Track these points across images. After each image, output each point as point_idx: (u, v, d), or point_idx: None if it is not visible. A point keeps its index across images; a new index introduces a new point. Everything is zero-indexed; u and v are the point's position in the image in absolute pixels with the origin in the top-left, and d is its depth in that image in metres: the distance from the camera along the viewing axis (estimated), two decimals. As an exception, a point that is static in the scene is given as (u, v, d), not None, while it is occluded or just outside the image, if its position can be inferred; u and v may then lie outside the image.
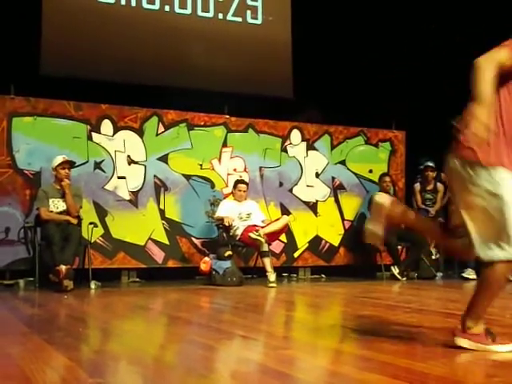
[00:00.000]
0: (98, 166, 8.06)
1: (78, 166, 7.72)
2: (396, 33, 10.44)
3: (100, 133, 8.11)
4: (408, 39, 10.53)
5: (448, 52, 10.54)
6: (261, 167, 8.92)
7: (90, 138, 8.05)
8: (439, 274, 8.88)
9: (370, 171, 9.57)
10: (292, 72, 10.08)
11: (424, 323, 4.21)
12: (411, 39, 10.53)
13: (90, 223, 7.51)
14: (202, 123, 8.66)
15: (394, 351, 3.13)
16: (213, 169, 8.64)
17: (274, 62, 10.02)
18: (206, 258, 7.74)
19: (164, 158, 8.39)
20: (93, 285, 7.09)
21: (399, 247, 8.86)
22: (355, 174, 9.49)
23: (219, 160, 8.70)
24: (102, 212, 8.00)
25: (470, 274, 8.46)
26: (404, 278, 8.40)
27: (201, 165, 8.56)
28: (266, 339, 3.77)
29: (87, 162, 8.00)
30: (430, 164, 9.47)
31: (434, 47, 10.58)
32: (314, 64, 10.05)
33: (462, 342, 3.06)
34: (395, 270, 8.47)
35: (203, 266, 7.65)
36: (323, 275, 8.86)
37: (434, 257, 9.03)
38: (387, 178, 9.15)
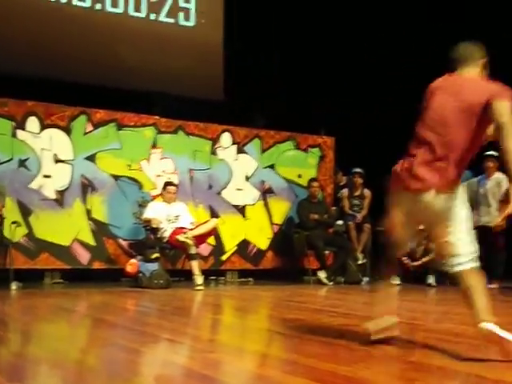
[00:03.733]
0: (22, 163, 7.83)
1: (1, 163, 7.48)
2: (327, 39, 10.57)
3: (25, 130, 7.88)
4: (338, 46, 10.68)
5: (377, 61, 10.75)
6: (190, 169, 8.85)
7: (14, 135, 7.82)
8: (365, 279, 9.02)
9: (299, 176, 9.64)
10: (223, 75, 10.06)
11: (349, 327, 4.26)
12: (342, 46, 10.68)
13: (13, 222, 7.29)
14: (132, 123, 8.54)
15: (320, 355, 3.15)
16: (141, 170, 8.52)
17: (205, 65, 9.97)
18: (133, 260, 7.63)
19: (92, 158, 8.23)
20: (14, 286, 6.88)
21: (326, 252, 8.94)
22: (284, 179, 9.55)
23: (148, 161, 8.59)
24: (25, 211, 7.77)
25: (394, 279, 8.61)
26: (331, 283, 8.49)
27: (129, 165, 8.43)
28: (192, 342, 3.74)
29: (11, 159, 7.76)
30: (358, 170, 9.62)
31: (365, 56, 10.77)
32: (246, 68, 10.07)
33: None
34: (322, 275, 8.55)
35: (129, 268, 7.53)
36: (251, 279, 8.86)
37: (360, 262, 9.17)
38: (316, 183, 9.24)
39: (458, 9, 9.78)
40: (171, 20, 9.85)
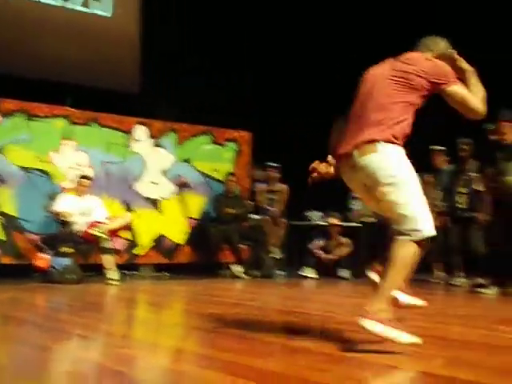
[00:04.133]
0: None
1: None
2: (243, 31, 10.58)
3: None
4: (254, 39, 10.71)
5: (295, 56, 10.85)
6: (104, 162, 8.67)
7: None
8: (280, 273, 9.09)
9: (216, 170, 9.61)
10: (140, 67, 9.91)
11: (265, 321, 4.28)
12: (258, 38, 10.72)
13: None
14: (43, 114, 8.28)
15: (235, 349, 3.15)
16: (52, 162, 8.28)
17: (121, 56, 9.79)
18: (43, 255, 7.41)
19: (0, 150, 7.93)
20: None
21: (242, 246, 8.97)
22: (200, 173, 9.50)
23: (59, 153, 8.35)
24: None
25: (309, 272, 8.76)
26: (246, 277, 8.52)
27: (39, 157, 8.16)
28: (105, 338, 3.66)
29: None
30: (274, 165, 9.68)
31: (282, 49, 10.84)
32: (163, 60, 9.95)
33: (371, 324, 3.08)
34: (238, 269, 8.58)
35: (40, 263, 7.31)
36: (166, 273, 8.78)
37: (275, 255, 9.25)
38: (232, 178, 9.25)
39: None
40: (87, 9, 9.61)
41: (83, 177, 7.93)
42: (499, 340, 3.51)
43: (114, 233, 7.63)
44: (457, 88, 3.27)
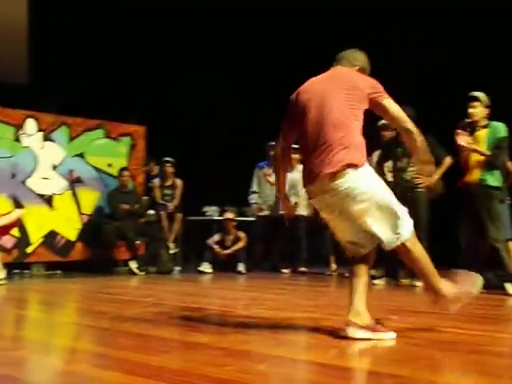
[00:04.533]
0: None
1: None
2: (139, 24, 10.43)
3: None
4: (152, 34, 10.58)
5: (192, 53, 10.81)
6: (-8, 157, 8.31)
7: None
8: (177, 268, 9.04)
9: (110, 165, 9.42)
10: (28, 58, 9.54)
11: (161, 317, 4.22)
12: (155, 34, 10.60)
13: None
14: None
15: (131, 346, 3.09)
16: None
17: (7, 45, 9.38)
18: None
19: None
20: None
21: (137, 242, 8.84)
22: (94, 168, 9.28)
23: None
24: None
25: (206, 267, 8.75)
26: (142, 273, 8.41)
27: None
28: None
29: None
30: (169, 159, 9.60)
31: (176, 46, 10.78)
32: (54, 51, 9.63)
33: (359, 333, 3.24)
34: (133, 265, 8.45)
35: None
36: (59, 271, 8.53)
37: (172, 251, 9.18)
38: (126, 173, 9.09)
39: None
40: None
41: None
42: (390, 329, 3.62)
43: (1, 230, 7.34)
44: (391, 101, 3.42)
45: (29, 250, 8.47)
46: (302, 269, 8.59)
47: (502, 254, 5.86)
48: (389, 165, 6.97)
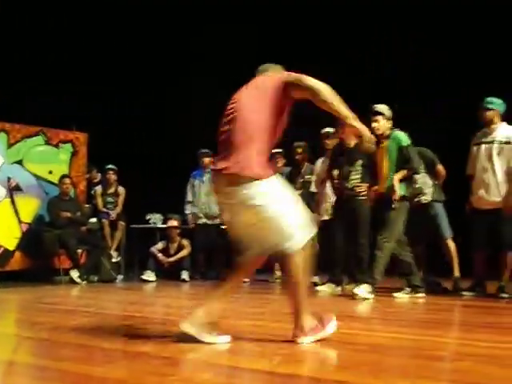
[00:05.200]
0: None
1: None
2: (68, 30, 10.29)
3: None
4: (92, 40, 10.44)
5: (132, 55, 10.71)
6: None
7: None
8: (120, 277, 8.93)
9: (50, 172, 9.24)
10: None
11: (103, 327, 4.15)
12: (102, 40, 10.47)
13: None
14: None
15: (73, 357, 3.02)
16: None
17: None
18: None
19: None
20: None
21: (79, 250, 8.69)
22: (34, 175, 9.08)
23: None
24: None
25: (149, 276, 8.67)
26: (84, 282, 8.26)
27: None
28: None
29: None
30: (112, 167, 9.49)
31: (118, 49, 10.67)
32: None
33: (309, 339, 3.30)
34: (75, 274, 8.30)
35: None
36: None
37: (114, 259, 9.07)
38: (67, 180, 8.93)
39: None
40: None
41: None
42: (335, 335, 3.64)
43: None
44: (303, 75, 3.27)
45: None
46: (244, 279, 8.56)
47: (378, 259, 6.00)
48: (335, 173, 7.04)
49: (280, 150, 8.54)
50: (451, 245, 6.72)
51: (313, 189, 7.87)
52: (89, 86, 10.34)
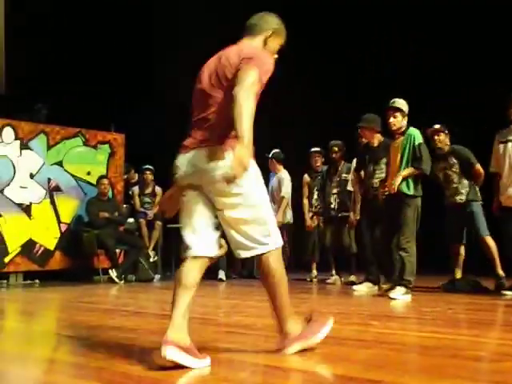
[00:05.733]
0: None
1: None
2: (103, 37, 10.39)
3: None
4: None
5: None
6: (-32, 166, 8.22)
7: None
8: (157, 276, 9.00)
9: (88, 173, 9.36)
10: (4, 65, 9.46)
11: (141, 326, 4.19)
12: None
13: None
14: None
15: (111, 356, 3.06)
16: None
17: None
18: None
19: None
20: None
21: (117, 250, 8.80)
22: (73, 176, 9.21)
23: None
24: None
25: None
26: (122, 281, 8.35)
27: None
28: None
29: None
30: (148, 167, 9.57)
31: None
32: (32, 59, 9.57)
33: (295, 347, 2.97)
34: (113, 274, 8.39)
35: None
36: (37, 280, 8.44)
37: (151, 259, 9.14)
38: (105, 181, 9.04)
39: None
40: None
41: None
42: (371, 335, 3.63)
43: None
44: (255, 71, 2.75)
45: (6, 259, 8.39)
46: None
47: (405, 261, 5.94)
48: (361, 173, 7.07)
49: (318, 149, 8.53)
50: (491, 243, 6.60)
51: (349, 187, 7.84)
52: (127, 87, 10.45)
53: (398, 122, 6.16)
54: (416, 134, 6.12)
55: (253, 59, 2.79)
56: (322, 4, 10.64)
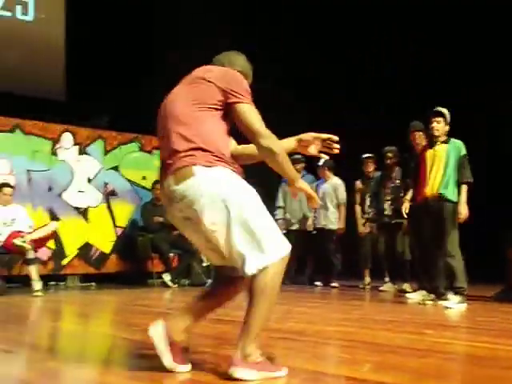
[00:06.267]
0: None
1: None
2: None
3: None
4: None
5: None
6: (28, 170, 8.45)
7: None
8: (210, 281, 9.05)
9: (144, 178, 9.52)
10: (65, 73, 9.69)
11: (194, 330, 4.23)
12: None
13: None
14: (-36, 121, 8.01)
15: (164, 359, 3.09)
16: (-26, 170, 8.02)
17: (45, 62, 9.58)
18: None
19: None
20: None
21: (171, 254, 8.90)
22: (128, 181, 9.38)
23: (-18, 161, 8.09)
24: None
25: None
26: (175, 285, 8.45)
27: (-39, 166, 7.90)
28: (29, 352, 3.55)
29: None
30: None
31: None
32: (90, 66, 9.76)
33: (245, 373, 2.56)
34: (167, 278, 8.49)
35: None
36: (93, 283, 8.62)
37: (204, 264, 9.20)
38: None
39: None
40: (8, 13, 9.36)
41: (4, 185, 7.69)
42: (425, 344, 3.58)
43: (38, 242, 7.43)
44: (251, 107, 2.69)
45: (64, 262, 8.59)
46: (334, 284, 8.55)
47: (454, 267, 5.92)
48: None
49: (371, 155, 8.47)
50: None
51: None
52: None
53: (441, 127, 6.16)
54: (462, 145, 6.17)
55: (237, 91, 2.69)
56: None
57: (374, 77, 10.49)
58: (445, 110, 6.21)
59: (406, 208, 6.59)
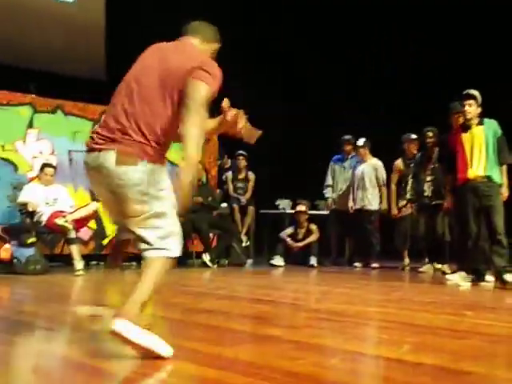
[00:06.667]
0: None
1: None
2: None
3: None
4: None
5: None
6: (70, 151, 8.54)
7: None
8: (249, 261, 9.10)
9: (183, 159, 9.53)
10: (105, 53, 9.75)
11: (233, 310, 4.26)
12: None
13: None
14: (5, 102, 8.11)
15: (204, 338, 3.13)
16: (16, 151, 8.13)
17: (86, 42, 9.65)
18: (6, 245, 7.27)
19: (-38, 138, 7.77)
20: None
21: (211, 235, 8.94)
22: (168, 161, 9.33)
23: (24, 142, 8.21)
24: None
25: (278, 261, 8.77)
26: (215, 265, 8.49)
27: (3, 146, 8.01)
28: (71, 331, 3.61)
29: None
30: (242, 152, 9.66)
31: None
32: (130, 46, 9.81)
33: (127, 327, 2.74)
34: (206, 258, 8.54)
35: (3, 254, 7.18)
36: (134, 263, 8.71)
37: (244, 244, 9.25)
38: (200, 166, 9.18)
39: None
40: (49, -5, 9.46)
41: (46, 165, 7.79)
42: (464, 325, 3.55)
43: (79, 222, 7.52)
44: (205, 87, 2.77)
45: (105, 242, 8.69)
46: (374, 265, 8.52)
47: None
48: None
49: (415, 137, 8.34)
50: None
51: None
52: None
53: (473, 110, 6.10)
54: (496, 125, 6.17)
55: (203, 71, 2.77)
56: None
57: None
58: (476, 92, 6.15)
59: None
